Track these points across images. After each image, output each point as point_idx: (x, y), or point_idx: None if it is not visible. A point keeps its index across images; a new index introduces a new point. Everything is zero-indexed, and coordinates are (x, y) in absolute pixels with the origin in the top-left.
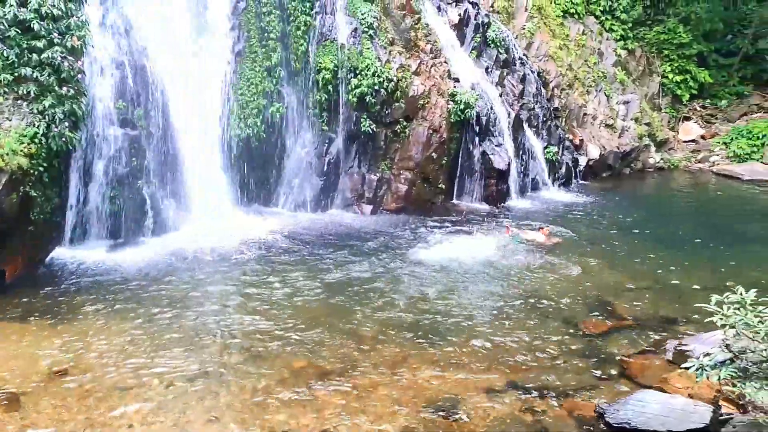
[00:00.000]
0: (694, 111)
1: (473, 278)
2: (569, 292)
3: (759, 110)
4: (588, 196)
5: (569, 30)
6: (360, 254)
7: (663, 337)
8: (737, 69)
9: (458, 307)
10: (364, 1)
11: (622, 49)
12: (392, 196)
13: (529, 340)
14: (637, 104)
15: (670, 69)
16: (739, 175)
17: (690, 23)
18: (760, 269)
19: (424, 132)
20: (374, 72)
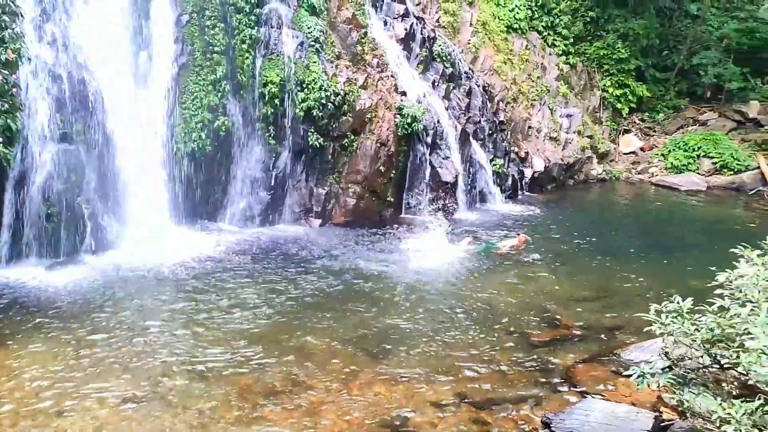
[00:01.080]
0: (633, 124)
1: (422, 290)
2: (517, 302)
3: (694, 123)
4: (534, 208)
5: (513, 45)
6: (308, 269)
7: (607, 346)
8: (673, 83)
9: (408, 319)
10: (310, 15)
11: (564, 63)
12: (341, 210)
13: (478, 350)
14: (579, 117)
15: (610, 83)
16: (677, 186)
17: (628, 39)
18: (697, 276)
19: (371, 145)
20: (321, 86)
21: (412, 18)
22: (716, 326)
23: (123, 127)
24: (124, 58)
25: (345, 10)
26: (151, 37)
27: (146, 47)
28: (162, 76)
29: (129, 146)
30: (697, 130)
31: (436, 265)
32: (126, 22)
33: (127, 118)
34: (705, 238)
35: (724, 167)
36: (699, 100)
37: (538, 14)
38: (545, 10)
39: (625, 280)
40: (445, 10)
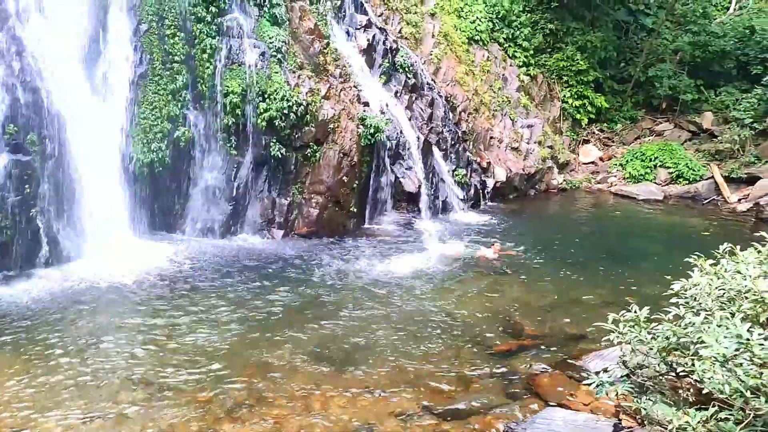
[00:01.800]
0: (592, 134)
1: (386, 300)
2: (480, 312)
3: (651, 134)
4: (497, 217)
5: (475, 56)
6: (269, 280)
7: (568, 354)
8: (630, 95)
9: (371, 330)
10: (272, 26)
11: (525, 75)
12: (304, 220)
13: (441, 361)
14: (540, 128)
15: (569, 94)
16: (635, 195)
17: (586, 51)
18: (654, 284)
19: (334, 156)
20: (283, 96)
21: (375, 29)
22: (672, 335)
23: (80, 138)
24: (81, 68)
25: (307, 20)
26: (109, 46)
27: (104, 56)
28: (120, 86)
29: (86, 157)
30: (653, 140)
31: (400, 275)
32: (82, 30)
33: (84, 128)
34: (662, 247)
35: (680, 177)
36: (655, 111)
37: (498, 26)
38: (506, 23)
39: (586, 289)
40: (407, 21)
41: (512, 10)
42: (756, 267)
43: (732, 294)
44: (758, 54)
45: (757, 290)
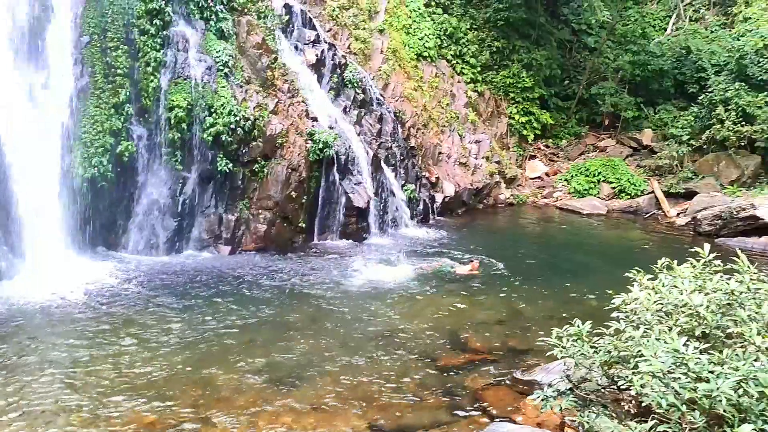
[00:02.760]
0: (538, 150)
1: (336, 316)
2: (428, 327)
3: (594, 149)
4: (445, 232)
5: (423, 72)
6: (216, 298)
7: (514, 368)
8: (574, 112)
9: (319, 347)
10: (219, 39)
11: (473, 91)
12: (251, 236)
13: (389, 377)
14: (487, 143)
15: (516, 111)
16: (580, 210)
17: (532, 69)
18: (598, 298)
19: (283, 171)
20: (230, 110)
21: (324, 44)
22: (613, 348)
23: (18, 153)
24: (19, 81)
25: (255, 35)
26: (48, 60)
27: (44, 69)
28: (60, 100)
29: (24, 172)
30: (597, 156)
31: (349, 291)
32: (19, 41)
33: (23, 143)
34: (606, 261)
35: (622, 192)
36: (598, 127)
37: (446, 43)
38: (453, 40)
39: (532, 303)
40: (356, 37)
41: (460, 27)
42: (691, 281)
43: (669, 308)
44: (694, 73)
45: (692, 304)
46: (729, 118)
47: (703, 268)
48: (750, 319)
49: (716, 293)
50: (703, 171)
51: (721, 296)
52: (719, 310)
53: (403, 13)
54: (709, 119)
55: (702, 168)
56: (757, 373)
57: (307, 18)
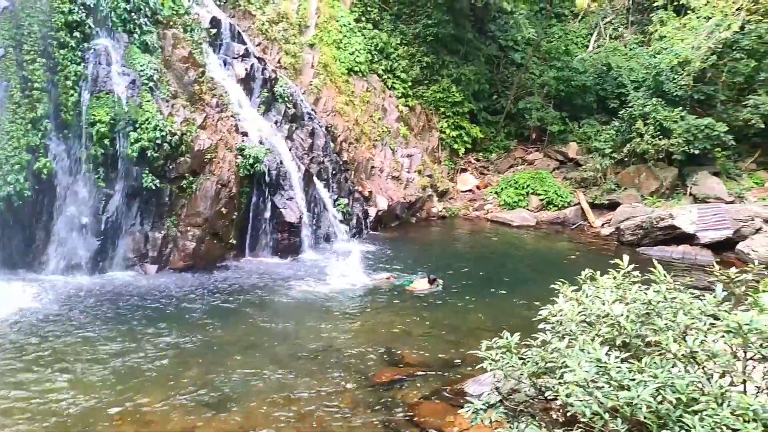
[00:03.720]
0: (469, 163)
1: (268, 335)
2: (361, 342)
3: (523, 162)
4: (379, 246)
5: (354, 87)
6: (142, 320)
7: (447, 381)
8: (503, 126)
9: (250, 365)
10: (143, 53)
11: (404, 105)
12: (179, 254)
13: (322, 394)
14: (419, 157)
15: (446, 125)
16: (510, 222)
17: (461, 84)
18: (529, 308)
19: (212, 187)
20: (156, 125)
21: (253, 58)
22: (540, 359)
23: None
24: None
25: (181, 48)
26: None
27: None
28: None
29: None
30: (525, 169)
31: (281, 309)
32: None
33: None
34: (536, 272)
35: (550, 203)
36: (526, 141)
37: (377, 58)
38: (384, 55)
39: (466, 315)
40: (286, 51)
41: (390, 42)
42: (612, 292)
43: (592, 318)
44: (614, 89)
45: (613, 315)
46: (648, 132)
47: (624, 278)
48: (667, 327)
49: (635, 303)
50: (626, 183)
51: (640, 306)
52: (638, 319)
53: (333, 28)
54: (629, 133)
55: (624, 180)
56: (674, 380)
57: (236, 32)
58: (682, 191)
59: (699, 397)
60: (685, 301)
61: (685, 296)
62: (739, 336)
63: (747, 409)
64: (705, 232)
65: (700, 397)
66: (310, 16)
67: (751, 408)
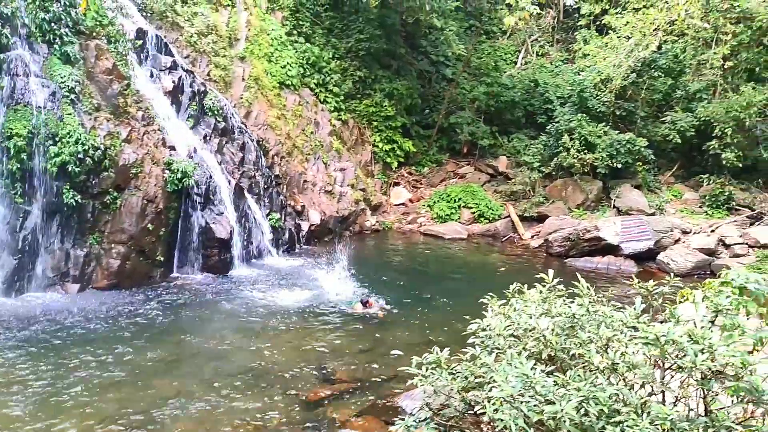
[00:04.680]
0: (402, 177)
1: (195, 354)
2: (292, 360)
3: (454, 176)
4: (312, 261)
5: (286, 101)
6: (62, 342)
7: (380, 397)
8: (435, 140)
9: (177, 386)
10: (64, 64)
11: (337, 119)
12: (103, 273)
13: (252, 415)
14: (352, 171)
15: (379, 139)
16: (442, 235)
17: (394, 98)
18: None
19: (138, 202)
20: (77, 139)
21: (181, 71)
22: (470, 374)
23: None
24: None
25: (104, 60)
26: None
27: None
28: None
29: None
30: (457, 182)
31: (210, 328)
32: None
33: None
34: (468, 285)
35: (481, 216)
36: (457, 155)
37: (309, 72)
38: (316, 68)
39: (398, 330)
40: (215, 64)
41: (322, 56)
42: (538, 306)
43: (520, 332)
44: (542, 105)
45: (539, 329)
46: (573, 146)
47: (549, 292)
48: (590, 340)
49: (560, 317)
50: (553, 195)
51: (565, 320)
52: (563, 332)
53: (264, 41)
54: (556, 147)
55: (552, 193)
56: (596, 393)
57: (163, 44)
58: (606, 204)
59: (621, 408)
60: (607, 314)
61: (607, 309)
62: (657, 347)
63: (665, 419)
64: (628, 244)
65: (621, 408)
66: (240, 28)
67: (668, 418)
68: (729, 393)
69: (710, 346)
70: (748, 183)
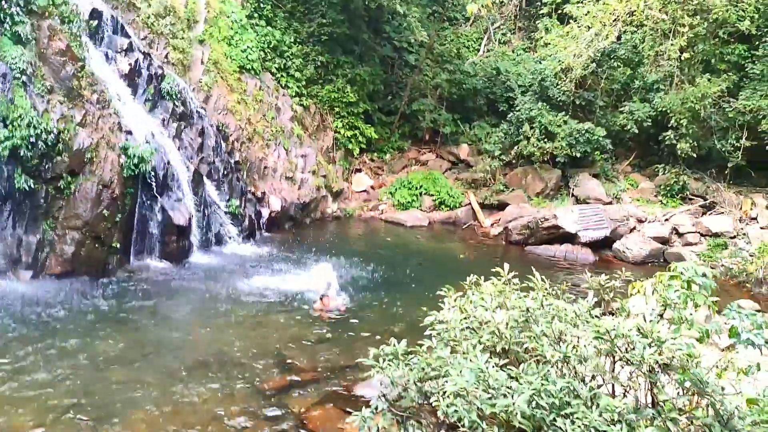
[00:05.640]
0: (364, 163)
1: (151, 343)
2: (249, 348)
3: (416, 163)
4: (272, 247)
5: (247, 85)
6: (12, 332)
7: (340, 387)
8: (397, 126)
9: (136, 379)
10: (14, 44)
11: (298, 105)
12: (57, 259)
13: (213, 404)
14: (314, 157)
15: (341, 125)
16: (403, 222)
17: (356, 84)
18: (419, 311)
19: (93, 188)
20: (29, 122)
21: (138, 53)
22: (426, 365)
23: None
24: None
25: (57, 41)
26: None
27: None
28: None
29: None
30: (419, 169)
31: (168, 316)
32: None
33: None
34: (429, 272)
35: (442, 204)
36: (420, 142)
37: (270, 56)
38: (278, 53)
39: (357, 318)
40: (174, 46)
41: (284, 40)
42: (494, 299)
43: (476, 324)
44: (503, 93)
45: (494, 322)
46: (534, 135)
47: (505, 285)
48: (543, 333)
49: (515, 310)
50: (513, 184)
51: (519, 313)
52: (518, 326)
53: (224, 24)
54: (517, 136)
55: (512, 181)
56: (548, 386)
57: (119, 25)
58: (565, 192)
59: (571, 400)
60: (560, 308)
61: (561, 303)
62: (608, 341)
63: (613, 411)
64: (585, 232)
65: (572, 401)
66: (199, 10)
67: (616, 410)
68: (676, 384)
69: (658, 339)
70: (702, 173)
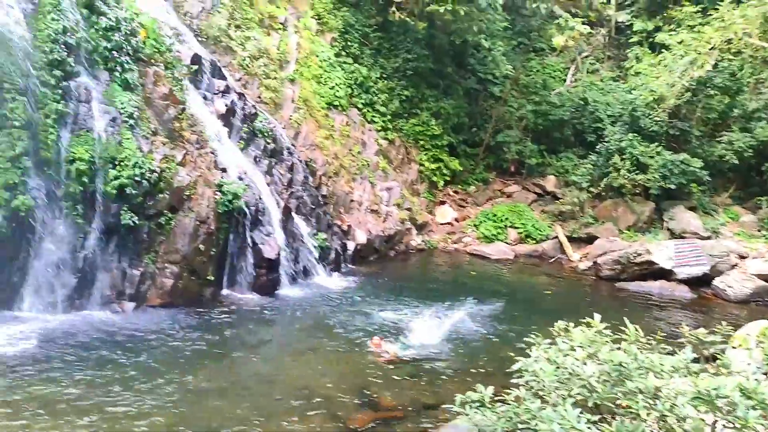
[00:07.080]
0: (448, 196)
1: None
2: (335, 384)
3: (501, 195)
4: (358, 280)
5: (334, 121)
6: (118, 360)
7: (425, 426)
8: (482, 158)
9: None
10: (124, 90)
11: (383, 139)
12: (157, 291)
13: None
14: (398, 190)
15: (426, 158)
16: (488, 255)
17: (440, 117)
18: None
19: (190, 223)
20: (135, 163)
21: (233, 94)
22: (514, 415)
23: None
24: None
25: (161, 86)
26: None
27: None
28: None
29: None
30: (504, 201)
31: (258, 348)
32: None
33: None
34: (515, 308)
35: (528, 237)
36: (504, 173)
37: (357, 92)
38: (364, 89)
39: (443, 355)
40: (266, 86)
41: (370, 76)
42: (584, 349)
43: (566, 375)
44: (591, 123)
45: (585, 375)
46: (624, 166)
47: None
48: (637, 390)
49: (607, 363)
50: (603, 216)
51: (612, 367)
52: (610, 380)
53: (314, 63)
54: (606, 167)
55: (601, 213)
56: None
57: (217, 67)
58: (659, 225)
59: None
60: (655, 363)
61: (656, 357)
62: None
63: None
64: (682, 268)
65: None
66: (290, 51)
67: None
68: None
69: (763, 402)
70: None
